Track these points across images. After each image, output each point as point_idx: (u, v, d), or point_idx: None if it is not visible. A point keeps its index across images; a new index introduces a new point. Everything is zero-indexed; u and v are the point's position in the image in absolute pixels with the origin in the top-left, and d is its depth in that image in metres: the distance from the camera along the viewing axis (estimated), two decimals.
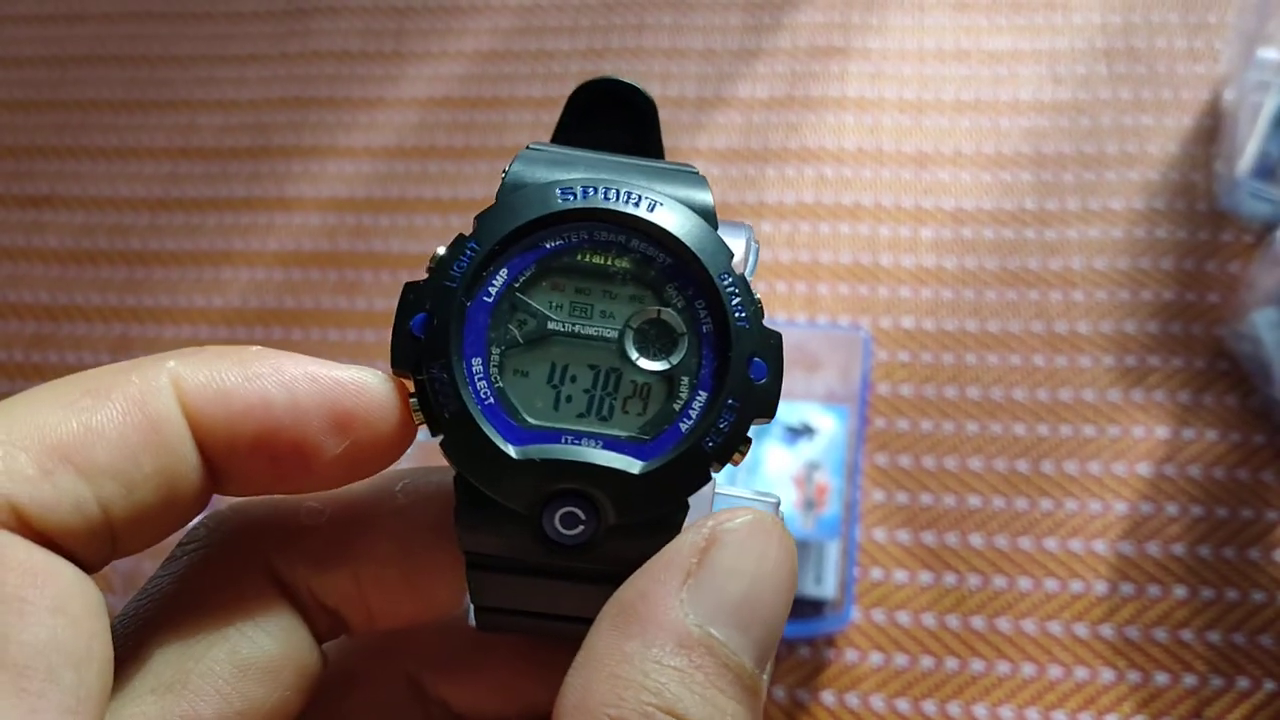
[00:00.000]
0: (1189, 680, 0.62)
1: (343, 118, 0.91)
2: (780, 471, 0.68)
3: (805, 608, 0.66)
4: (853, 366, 0.70)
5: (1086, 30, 0.88)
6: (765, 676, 0.19)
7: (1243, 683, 0.61)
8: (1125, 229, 0.78)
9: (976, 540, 0.67)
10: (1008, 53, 0.88)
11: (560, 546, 0.21)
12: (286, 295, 0.82)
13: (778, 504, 0.22)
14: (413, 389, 0.21)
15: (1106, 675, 0.62)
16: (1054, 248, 0.78)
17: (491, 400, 0.21)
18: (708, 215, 0.22)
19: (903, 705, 0.62)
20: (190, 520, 0.21)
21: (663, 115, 0.25)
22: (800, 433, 0.69)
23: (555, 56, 0.93)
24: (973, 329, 0.75)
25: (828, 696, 0.63)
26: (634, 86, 0.25)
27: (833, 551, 0.66)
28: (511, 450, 0.21)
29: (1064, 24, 0.89)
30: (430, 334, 0.21)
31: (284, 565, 0.22)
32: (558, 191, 0.22)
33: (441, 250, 0.21)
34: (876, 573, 0.66)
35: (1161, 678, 0.62)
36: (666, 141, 0.26)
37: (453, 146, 0.88)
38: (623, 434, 0.21)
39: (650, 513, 0.21)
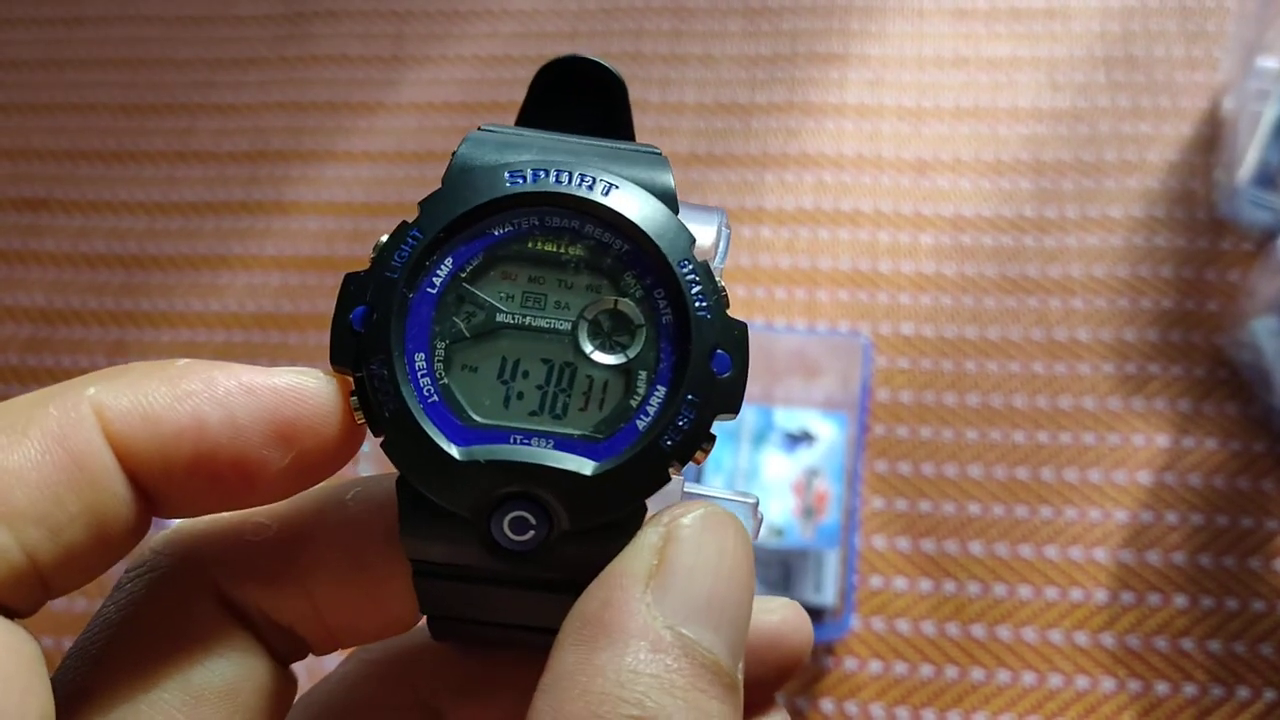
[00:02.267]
0: (1189, 689, 0.62)
1: (341, 122, 0.91)
2: (779, 478, 0.68)
3: None
4: (852, 373, 0.69)
5: (1086, 38, 0.88)
6: (740, 674, 0.18)
7: (1243, 692, 0.61)
8: (1125, 236, 0.78)
9: (976, 548, 0.67)
10: (1007, 60, 0.88)
11: (510, 553, 0.19)
12: (284, 299, 0.82)
13: (756, 504, 0.21)
14: (353, 386, 0.20)
15: (1107, 684, 0.62)
16: (1053, 255, 0.77)
17: (435, 398, 0.20)
18: (668, 198, 0.21)
19: (902, 714, 0.62)
20: (127, 551, 0.20)
21: (662, 121, 0.25)
22: (799, 439, 0.69)
23: None
24: (972, 336, 0.75)
25: (827, 704, 0.63)
26: (600, 64, 0.23)
27: (832, 559, 0.66)
28: (455, 451, 0.19)
29: (1063, 31, 0.89)
30: (370, 328, 0.19)
31: (232, 586, 0.21)
32: (506, 175, 0.20)
33: (384, 238, 0.20)
34: (876, 580, 0.66)
35: (1162, 687, 0.62)
36: (666, 146, 0.25)
37: (451, 151, 0.88)
38: (576, 432, 0.20)
39: (605, 516, 0.19)
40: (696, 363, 0.20)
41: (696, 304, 0.20)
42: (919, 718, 0.62)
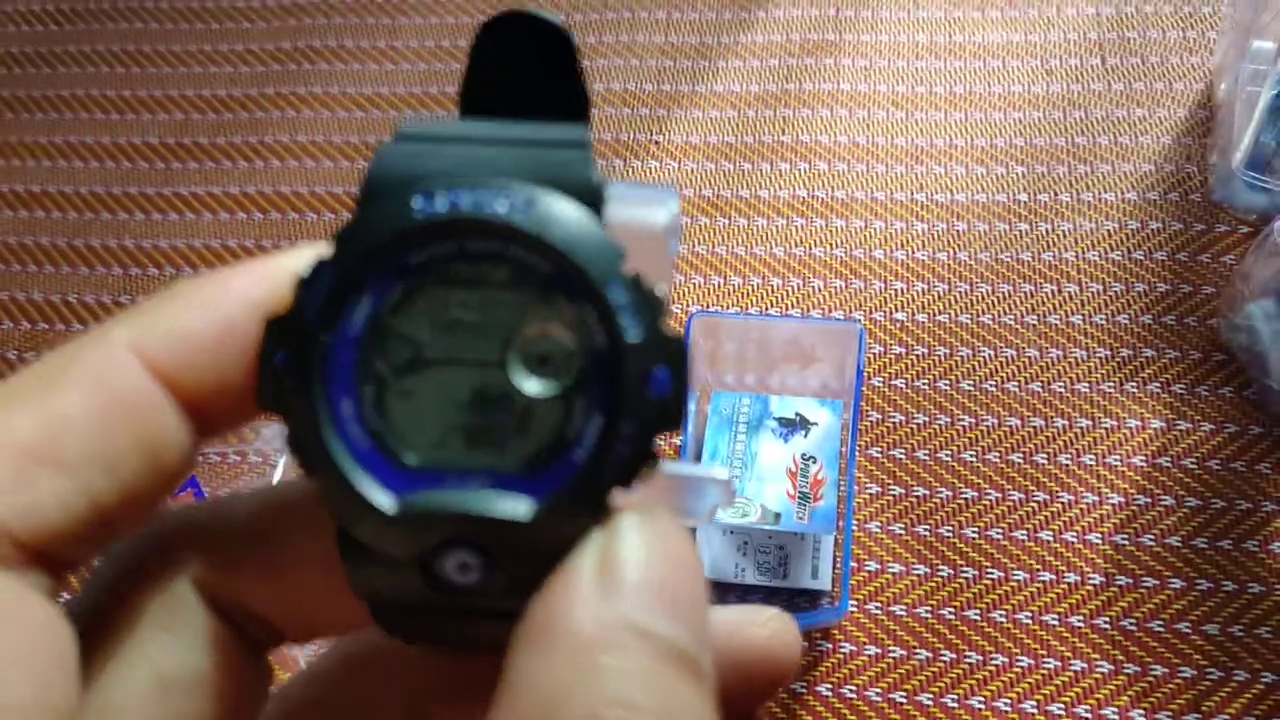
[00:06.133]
0: (1186, 673, 0.61)
1: (338, 115, 0.91)
2: (775, 465, 0.67)
3: (801, 600, 0.66)
4: (847, 359, 0.69)
5: (1079, 23, 0.88)
6: (707, 664, 0.17)
7: (1240, 675, 0.61)
8: (1118, 221, 0.78)
9: (971, 532, 0.67)
10: (1000, 46, 0.88)
11: (456, 588, 0.19)
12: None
13: (727, 480, 0.21)
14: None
15: (1103, 667, 0.62)
16: (1047, 240, 0.77)
17: (366, 445, 0.19)
18: (594, 197, 0.19)
19: (899, 697, 0.62)
20: (183, 480, 0.20)
21: (658, 111, 0.23)
22: (795, 426, 0.69)
23: None
24: (965, 322, 0.74)
25: (824, 689, 0.63)
26: (542, 20, 0.21)
27: (828, 544, 0.66)
28: (388, 504, 0.18)
29: (1056, 17, 0.89)
30: (292, 375, 0.18)
31: (208, 571, 0.20)
32: (415, 201, 0.18)
33: (304, 272, 0.18)
34: (871, 565, 0.66)
35: (1159, 670, 0.62)
36: (660, 138, 0.24)
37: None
38: (512, 467, 0.19)
39: (546, 553, 0.18)
40: (631, 387, 0.18)
41: (627, 326, 0.18)
42: (915, 702, 0.62)
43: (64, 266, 0.85)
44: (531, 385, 0.19)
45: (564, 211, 0.19)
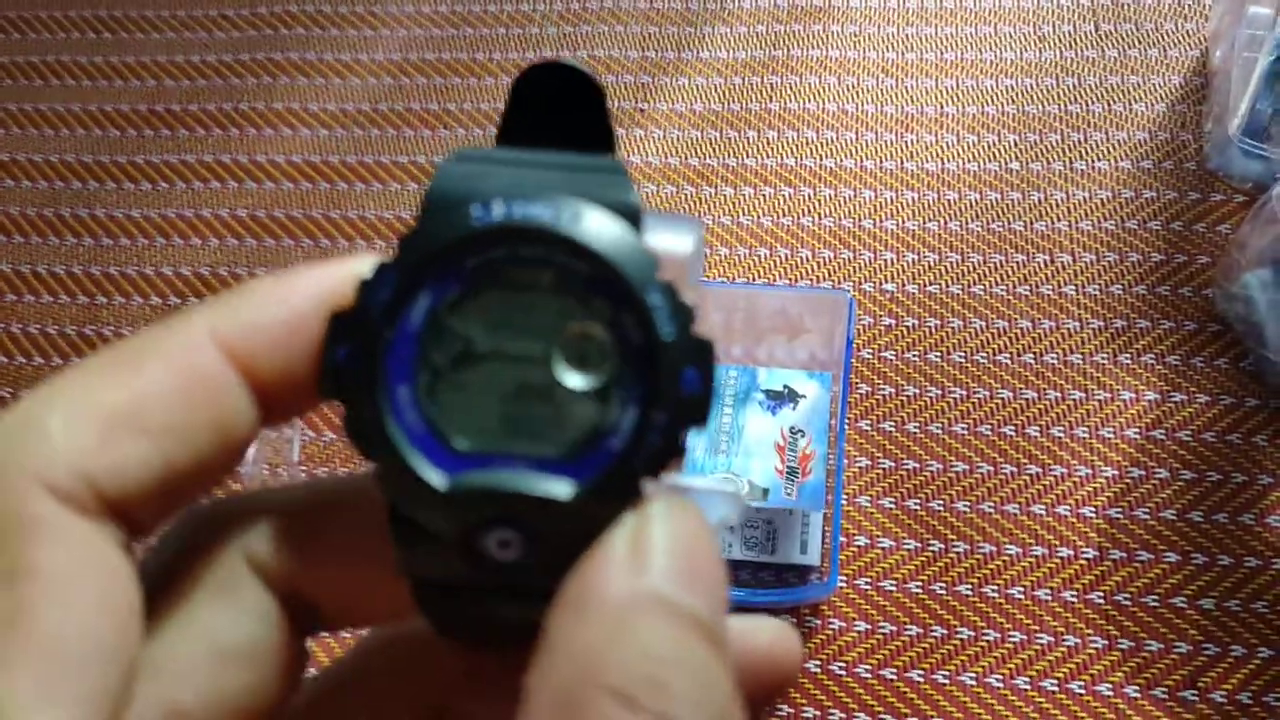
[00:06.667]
0: (1182, 648, 0.60)
1: (315, 81, 0.89)
2: (763, 438, 0.66)
3: (789, 575, 0.64)
4: (837, 330, 0.68)
5: None
6: (724, 634, 0.19)
7: (1237, 650, 0.60)
8: (1112, 190, 0.76)
9: (962, 506, 0.65)
10: (991, 11, 0.86)
11: (498, 566, 0.20)
12: (258, 263, 0.80)
13: (738, 493, 0.22)
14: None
15: (1097, 643, 0.61)
16: (1039, 210, 0.76)
17: (421, 430, 0.20)
18: (633, 216, 0.21)
19: (889, 674, 0.61)
20: (242, 456, 0.21)
21: (643, 79, 0.24)
22: (783, 398, 0.68)
23: (533, 20, 0.91)
24: (956, 293, 0.73)
25: (812, 665, 0.61)
26: (577, 70, 0.24)
27: (817, 519, 0.65)
28: (440, 482, 0.20)
29: None
30: (354, 367, 0.20)
31: (263, 550, 0.22)
32: (474, 210, 0.21)
33: (367, 274, 0.20)
34: (861, 540, 0.65)
35: (1153, 645, 0.60)
36: (645, 106, 0.24)
37: (428, 110, 0.86)
38: (554, 454, 0.20)
39: (583, 533, 0.20)
40: (665, 383, 0.20)
41: (663, 327, 0.20)
42: (906, 678, 0.61)
43: (33, 237, 0.83)
44: (572, 379, 0.21)
45: (606, 224, 0.21)
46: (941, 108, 0.81)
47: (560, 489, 0.20)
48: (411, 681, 0.24)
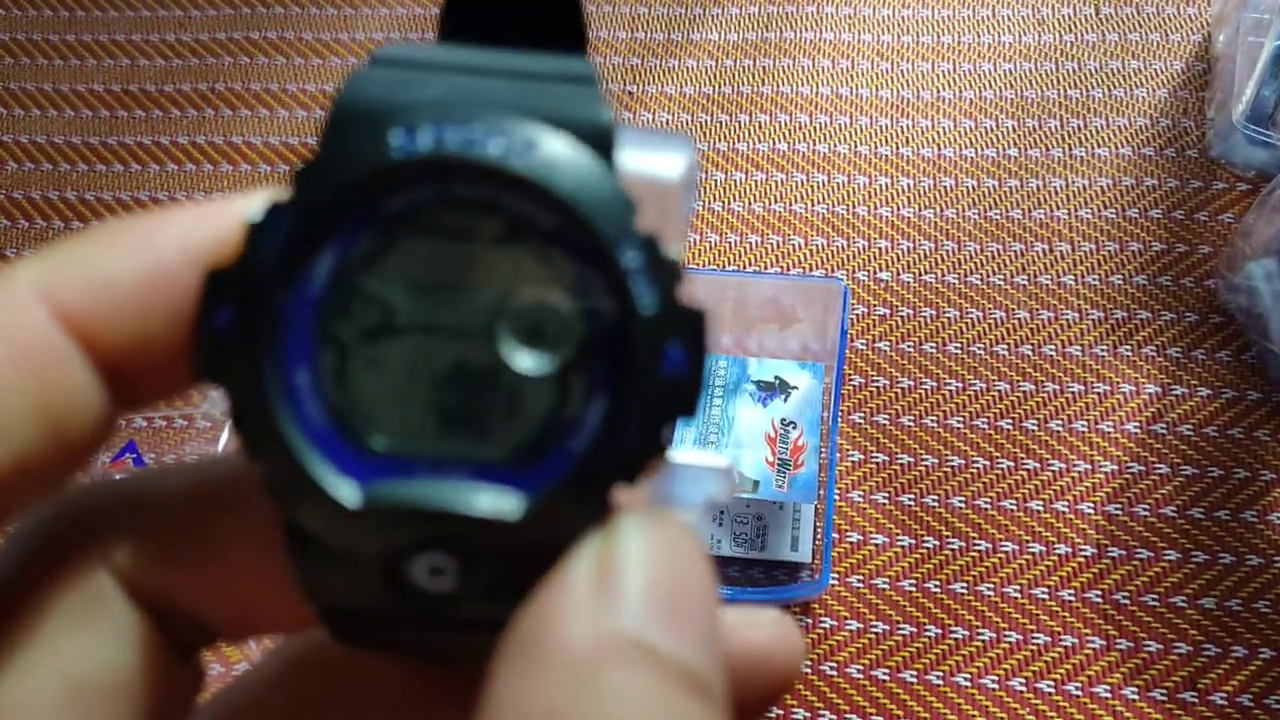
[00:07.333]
0: (1181, 648, 0.59)
1: (293, 61, 0.87)
2: (754, 430, 0.64)
3: (780, 573, 0.62)
4: (830, 320, 0.66)
5: None
6: (720, 680, 0.15)
7: (1238, 651, 0.58)
8: (1112, 177, 0.74)
9: (957, 502, 0.63)
10: None
11: (426, 596, 0.16)
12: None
13: (729, 469, 0.18)
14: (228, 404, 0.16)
15: (1095, 643, 0.59)
16: (1037, 197, 0.74)
17: (324, 425, 0.16)
18: (603, 140, 0.16)
19: (881, 674, 0.59)
20: (94, 453, 0.17)
21: (632, 60, 0.20)
22: (774, 389, 0.66)
23: None
24: (953, 282, 0.71)
25: (802, 666, 0.60)
26: None
27: (808, 513, 0.63)
28: (350, 496, 0.15)
29: None
30: (237, 339, 0.15)
31: (132, 559, 0.18)
32: (396, 135, 0.15)
33: (255, 216, 0.15)
34: (853, 536, 0.63)
35: (1153, 646, 0.59)
36: (634, 89, 0.20)
37: None
38: (498, 457, 0.16)
39: (535, 558, 0.15)
40: (642, 364, 0.16)
41: (640, 292, 0.16)
42: (899, 679, 0.59)
43: (1, 220, 0.81)
44: (523, 360, 0.16)
45: (569, 156, 0.16)
46: (938, 92, 0.80)
47: (506, 506, 0.16)
48: (342, 694, 0.20)
